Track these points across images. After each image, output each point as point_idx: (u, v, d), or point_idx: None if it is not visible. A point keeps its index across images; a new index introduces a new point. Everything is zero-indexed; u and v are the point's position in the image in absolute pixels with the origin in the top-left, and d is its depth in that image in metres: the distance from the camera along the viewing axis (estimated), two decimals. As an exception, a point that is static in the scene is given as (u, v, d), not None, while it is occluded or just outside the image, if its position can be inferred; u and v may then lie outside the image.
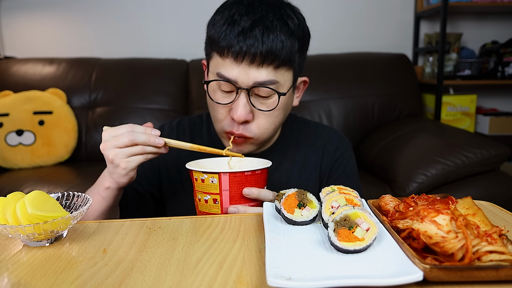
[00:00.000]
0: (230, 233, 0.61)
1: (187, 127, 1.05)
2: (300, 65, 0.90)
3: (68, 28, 2.55)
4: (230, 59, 0.81)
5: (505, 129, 2.44)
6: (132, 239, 0.60)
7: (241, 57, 0.80)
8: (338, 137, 1.04)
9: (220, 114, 0.87)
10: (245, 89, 0.82)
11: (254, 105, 0.84)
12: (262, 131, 0.87)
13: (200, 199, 0.76)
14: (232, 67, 0.81)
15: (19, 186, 1.77)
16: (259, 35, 0.79)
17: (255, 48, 0.79)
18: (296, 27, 0.84)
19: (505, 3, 2.38)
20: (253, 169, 0.74)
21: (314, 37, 0.97)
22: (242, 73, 0.81)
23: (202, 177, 0.74)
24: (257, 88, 0.82)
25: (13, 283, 0.49)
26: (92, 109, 2.23)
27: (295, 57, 0.84)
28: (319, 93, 2.22)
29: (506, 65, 2.49)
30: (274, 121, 0.88)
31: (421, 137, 1.84)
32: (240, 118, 0.83)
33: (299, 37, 0.84)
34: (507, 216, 0.66)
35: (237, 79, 0.81)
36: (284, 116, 0.91)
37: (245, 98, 0.83)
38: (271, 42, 0.79)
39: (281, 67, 0.82)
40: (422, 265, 0.44)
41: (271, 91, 0.83)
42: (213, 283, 0.47)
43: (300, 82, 0.96)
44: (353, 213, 0.54)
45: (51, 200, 0.62)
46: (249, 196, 0.74)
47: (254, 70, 0.80)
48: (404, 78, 2.30)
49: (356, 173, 1.03)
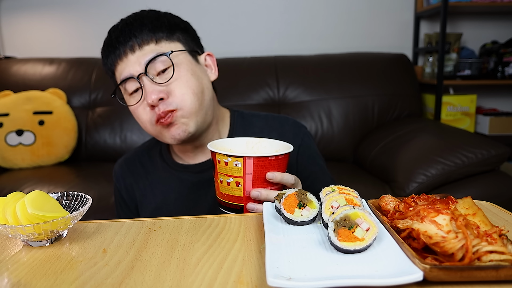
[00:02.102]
0: (230, 233, 0.62)
1: (136, 159, 1.08)
2: (188, 41, 0.97)
3: (68, 28, 2.55)
4: (118, 64, 0.91)
5: (505, 129, 2.44)
6: (132, 239, 0.60)
7: (123, 54, 0.90)
8: (292, 124, 1.05)
9: (142, 114, 0.92)
10: (142, 74, 0.88)
11: (158, 82, 0.89)
12: (180, 98, 0.89)
13: (222, 181, 0.76)
14: (122, 67, 0.91)
15: (19, 186, 1.77)
16: (127, 30, 0.90)
17: (129, 40, 0.89)
18: (155, 12, 0.96)
19: (505, 3, 2.38)
20: (277, 154, 0.74)
21: (314, 37, 0.99)
22: (131, 64, 0.89)
23: (226, 160, 0.73)
24: (152, 68, 0.89)
25: (13, 283, 0.49)
26: (92, 109, 2.23)
27: (170, 32, 0.93)
28: (319, 93, 2.22)
29: (506, 65, 2.49)
30: (187, 85, 0.90)
31: (421, 137, 1.84)
32: (153, 98, 0.87)
33: (166, 17, 0.95)
34: (507, 216, 0.66)
35: (131, 71, 0.89)
36: (198, 82, 0.93)
37: (147, 81, 0.89)
38: (139, 28, 0.90)
39: (161, 42, 0.91)
40: (422, 265, 0.44)
41: (166, 62, 0.89)
42: (213, 283, 0.47)
43: (204, 57, 1.00)
44: (353, 213, 0.54)
45: (51, 200, 0.62)
46: (272, 180, 0.74)
47: (138, 55, 0.89)
48: (404, 78, 2.30)
49: (319, 152, 1.05)
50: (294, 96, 2.22)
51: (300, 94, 2.22)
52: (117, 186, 1.08)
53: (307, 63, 2.30)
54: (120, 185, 1.07)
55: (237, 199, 0.75)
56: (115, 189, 1.09)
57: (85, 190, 1.69)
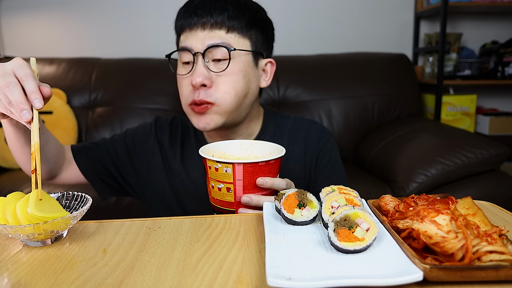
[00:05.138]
0: (230, 233, 0.62)
1: (179, 126, 1.08)
2: (259, 42, 0.96)
3: (68, 28, 2.55)
4: (186, 32, 0.92)
5: (505, 129, 2.44)
6: (132, 239, 0.60)
7: (193, 26, 0.90)
8: (319, 128, 1.07)
9: (183, 88, 0.93)
10: (200, 53, 0.89)
11: (210, 69, 0.90)
12: (222, 95, 0.90)
13: (213, 187, 0.76)
14: (187, 37, 0.92)
15: (19, 186, 1.77)
16: (209, 5, 0.90)
17: (205, 17, 0.89)
18: (246, 1, 0.94)
19: (505, 3, 2.38)
20: (267, 160, 0.74)
21: (314, 37, 0.99)
22: (196, 39, 0.90)
23: (216, 166, 0.73)
24: (211, 53, 0.89)
25: (13, 283, 0.49)
26: (92, 109, 2.23)
27: (246, 28, 0.92)
28: (319, 93, 2.22)
29: (506, 65, 2.49)
30: (234, 86, 0.91)
31: (421, 137, 1.84)
32: (197, 80, 0.88)
33: (251, 11, 0.93)
34: (507, 216, 0.66)
35: (192, 45, 0.90)
36: (245, 85, 0.93)
37: (201, 62, 0.90)
38: (220, 10, 0.90)
39: (232, 32, 0.91)
40: (422, 265, 0.44)
41: (225, 54, 0.89)
42: (213, 283, 0.47)
43: (266, 63, 1.00)
44: (353, 213, 0.54)
45: (51, 200, 0.62)
46: (263, 186, 0.74)
47: (206, 34, 0.90)
48: (404, 78, 2.30)
49: (341, 162, 1.06)
50: (294, 96, 2.22)
51: (300, 94, 2.22)
52: (132, 134, 1.05)
53: (307, 63, 2.30)
54: (141, 137, 1.05)
55: (228, 204, 0.75)
56: (122, 136, 1.06)
57: (85, 190, 1.68)
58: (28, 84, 0.65)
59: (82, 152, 1.01)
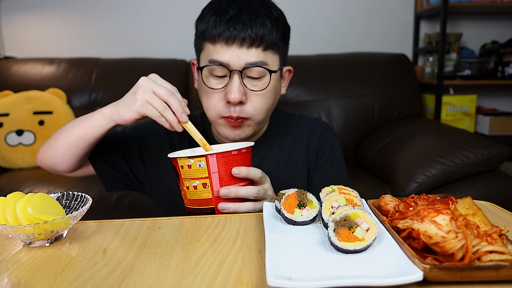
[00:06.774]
0: (230, 233, 0.62)
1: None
2: (285, 53, 0.96)
3: (68, 28, 2.55)
4: (221, 44, 0.86)
5: (505, 129, 2.44)
6: (132, 239, 0.60)
7: (231, 41, 0.85)
8: (322, 125, 1.08)
9: (214, 100, 0.91)
10: (237, 71, 0.86)
11: (247, 86, 0.88)
12: (256, 111, 0.91)
13: (188, 187, 0.75)
14: (223, 51, 0.86)
15: (19, 186, 1.77)
16: (247, 20, 0.85)
17: (244, 32, 0.85)
18: (278, 15, 0.91)
19: (505, 3, 2.38)
20: (239, 148, 0.74)
21: (314, 37, 1.00)
22: (234, 55, 0.86)
23: (189, 163, 0.72)
24: (248, 70, 0.87)
25: (13, 283, 0.49)
26: (92, 109, 2.23)
27: (280, 42, 0.90)
28: (319, 93, 2.22)
29: (506, 65, 2.49)
30: (266, 102, 0.92)
31: (421, 137, 1.84)
32: (236, 99, 0.87)
33: (282, 24, 0.91)
34: (507, 216, 0.66)
35: (229, 62, 0.86)
36: (274, 99, 0.95)
37: (238, 80, 0.87)
38: (259, 26, 0.86)
39: (268, 50, 0.88)
40: (422, 265, 0.44)
41: (262, 72, 0.88)
42: (213, 283, 0.47)
43: (285, 71, 1.01)
44: (353, 213, 0.54)
45: (51, 200, 0.62)
46: (239, 176, 0.74)
47: (245, 52, 0.86)
48: (404, 78, 2.30)
49: (342, 160, 1.07)
50: (294, 96, 2.22)
51: (300, 94, 2.22)
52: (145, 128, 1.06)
53: (307, 63, 2.30)
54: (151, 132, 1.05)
55: (206, 202, 0.74)
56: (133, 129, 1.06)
57: (85, 190, 1.69)
58: (177, 95, 0.81)
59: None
